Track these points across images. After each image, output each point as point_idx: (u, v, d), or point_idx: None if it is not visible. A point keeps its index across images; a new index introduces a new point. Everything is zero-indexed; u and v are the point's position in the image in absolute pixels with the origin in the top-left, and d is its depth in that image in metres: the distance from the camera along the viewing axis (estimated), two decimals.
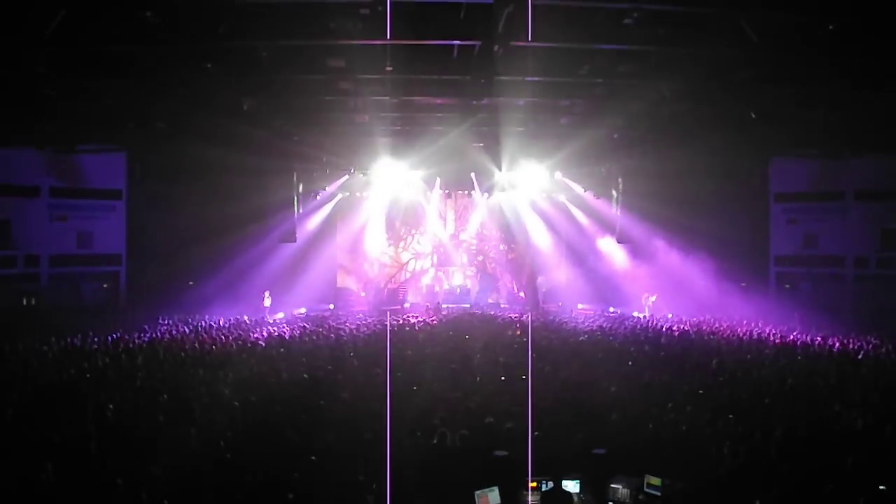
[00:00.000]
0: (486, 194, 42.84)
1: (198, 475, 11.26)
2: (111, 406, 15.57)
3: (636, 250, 40.27)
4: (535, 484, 11.27)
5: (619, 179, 39.00)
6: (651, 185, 36.44)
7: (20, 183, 35.55)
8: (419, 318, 33.77)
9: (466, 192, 43.85)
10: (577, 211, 42.94)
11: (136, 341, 25.63)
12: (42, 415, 14.89)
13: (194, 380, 18.91)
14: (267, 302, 35.90)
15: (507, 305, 42.13)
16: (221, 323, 31.07)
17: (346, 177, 40.15)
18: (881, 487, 10.81)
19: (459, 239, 45.31)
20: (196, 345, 24.80)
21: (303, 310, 38.12)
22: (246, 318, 33.14)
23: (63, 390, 17.52)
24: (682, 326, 30.58)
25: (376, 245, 44.22)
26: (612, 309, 39.18)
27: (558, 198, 43.49)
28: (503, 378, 19.25)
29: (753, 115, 25.75)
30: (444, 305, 40.10)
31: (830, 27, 17.47)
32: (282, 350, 23.97)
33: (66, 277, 37.46)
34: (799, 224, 40.55)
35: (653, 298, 37.30)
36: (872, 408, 15.67)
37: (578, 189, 41.22)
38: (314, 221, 41.03)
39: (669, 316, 35.04)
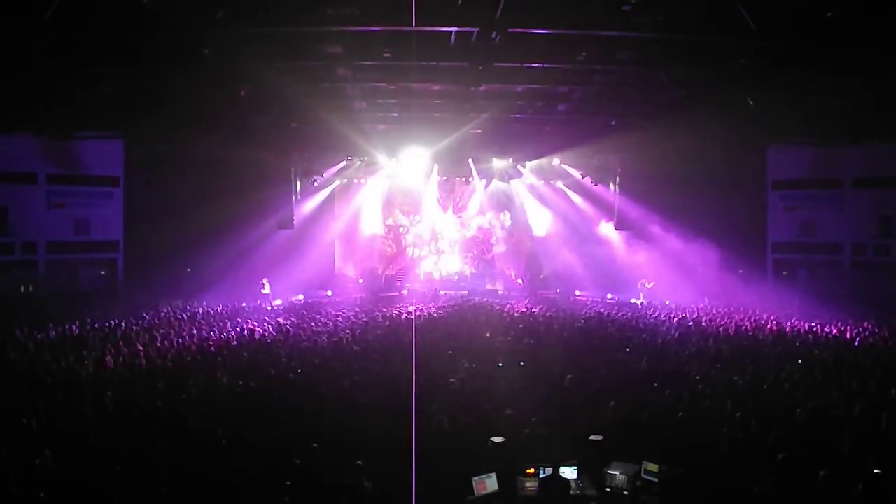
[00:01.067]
0: (484, 180, 42.91)
1: (196, 461, 11.29)
2: (109, 393, 15.60)
3: (634, 237, 40.33)
4: (532, 470, 11.33)
5: (618, 166, 38.99)
6: (649, 172, 36.46)
7: (17, 170, 35.46)
8: (418, 307, 33.20)
9: (464, 178, 43.82)
10: (576, 196, 42.94)
11: (135, 328, 25.66)
12: (40, 401, 14.92)
13: (192, 366, 18.95)
14: (266, 289, 35.89)
15: (504, 292, 42.10)
16: (219, 309, 31.11)
17: (344, 163, 40.11)
18: (876, 471, 10.87)
19: (457, 226, 45.26)
20: (193, 331, 24.83)
21: (300, 296, 38.10)
22: (244, 304, 33.22)
23: (61, 377, 17.56)
24: (681, 315, 30.40)
25: (374, 232, 44.21)
26: (609, 296, 39.21)
27: (556, 184, 43.50)
28: (500, 364, 19.30)
29: (751, 102, 25.73)
30: (441, 292, 40.16)
31: (829, 14, 17.44)
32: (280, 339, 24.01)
33: (64, 264, 37.47)
34: (796, 211, 40.54)
35: (650, 285, 37.34)
36: (869, 394, 15.74)
37: (577, 175, 41.22)
38: (312, 208, 40.99)
39: (667, 303, 35.09)
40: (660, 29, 19.02)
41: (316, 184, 40.45)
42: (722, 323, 27.87)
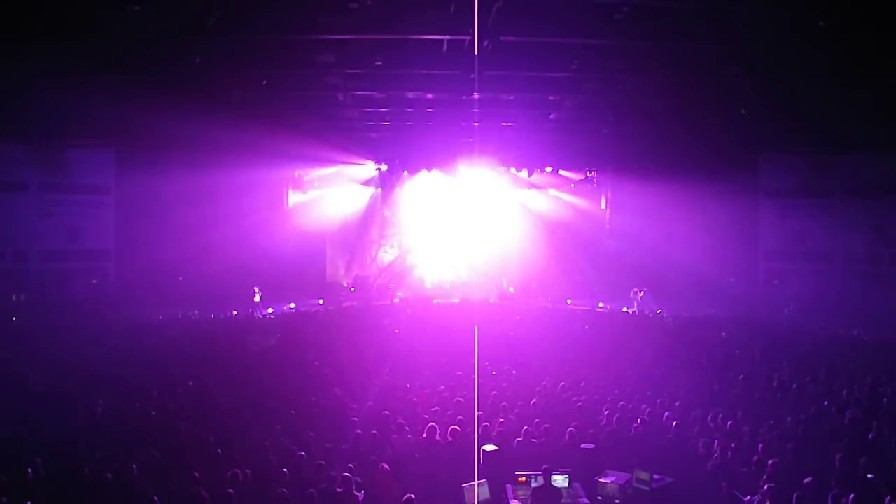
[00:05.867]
0: (475, 188, 42.94)
1: (188, 469, 11.22)
2: (101, 401, 15.51)
3: (626, 244, 40.28)
4: (524, 478, 11.29)
5: (610, 174, 39.02)
6: (641, 180, 36.48)
7: (7, 178, 35.28)
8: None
9: (456, 186, 43.77)
10: (568, 203, 42.92)
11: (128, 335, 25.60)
12: (31, 410, 14.84)
13: (184, 374, 18.87)
14: (257, 297, 35.79)
15: (495, 300, 41.99)
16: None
17: (335, 170, 40.05)
18: (869, 476, 10.87)
19: (449, 233, 45.16)
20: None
21: (292, 305, 38.00)
22: (235, 312, 33.17)
23: (52, 386, 17.48)
24: None
25: (365, 240, 44.14)
26: (601, 304, 39.15)
27: (549, 191, 43.51)
28: (494, 373, 19.27)
29: (743, 111, 25.81)
30: (434, 301, 40.15)
31: (820, 23, 17.50)
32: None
33: (55, 273, 37.26)
34: (788, 220, 40.60)
35: (641, 294, 37.28)
36: (860, 403, 15.75)
37: (571, 179, 41.30)
38: (303, 215, 40.90)
39: (658, 311, 35.09)
40: (651, 38, 19.08)
41: (307, 191, 40.41)
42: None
